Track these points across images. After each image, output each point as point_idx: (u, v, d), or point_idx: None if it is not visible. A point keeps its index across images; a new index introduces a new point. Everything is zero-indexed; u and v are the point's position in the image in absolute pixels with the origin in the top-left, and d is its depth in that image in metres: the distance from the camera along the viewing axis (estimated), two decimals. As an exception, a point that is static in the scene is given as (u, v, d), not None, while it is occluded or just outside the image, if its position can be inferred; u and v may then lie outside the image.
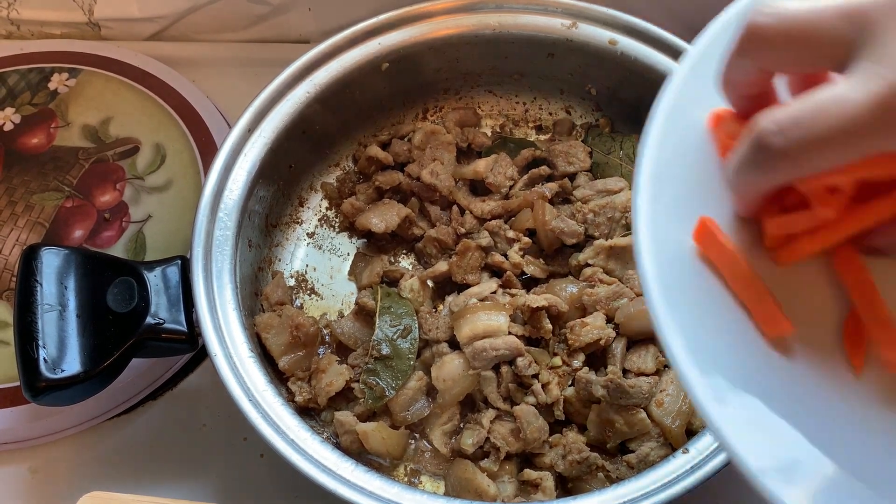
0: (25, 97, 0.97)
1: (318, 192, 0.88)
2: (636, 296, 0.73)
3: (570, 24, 0.82)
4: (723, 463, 0.60)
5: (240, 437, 0.76)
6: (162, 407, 0.80)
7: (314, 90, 0.80)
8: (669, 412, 0.68)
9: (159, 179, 0.90)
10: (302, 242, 0.85)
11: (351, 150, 0.89)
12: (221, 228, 0.72)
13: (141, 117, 0.94)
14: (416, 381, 0.71)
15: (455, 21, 0.83)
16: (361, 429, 0.69)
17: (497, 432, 0.70)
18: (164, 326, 0.67)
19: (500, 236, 0.80)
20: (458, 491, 0.69)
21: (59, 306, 0.66)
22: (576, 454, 0.67)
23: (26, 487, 0.76)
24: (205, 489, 0.75)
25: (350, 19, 0.82)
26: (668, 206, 0.43)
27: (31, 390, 0.64)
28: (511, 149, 0.86)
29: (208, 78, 0.99)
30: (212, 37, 1.03)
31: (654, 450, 0.67)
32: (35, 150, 0.93)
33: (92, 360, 0.65)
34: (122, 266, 0.70)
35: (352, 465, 0.62)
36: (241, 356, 0.67)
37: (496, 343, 0.69)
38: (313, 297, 0.82)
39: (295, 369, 0.74)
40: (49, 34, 1.04)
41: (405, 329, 0.74)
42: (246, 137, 0.77)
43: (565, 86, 0.89)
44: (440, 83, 0.89)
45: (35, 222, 0.87)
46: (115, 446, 0.77)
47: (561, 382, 0.70)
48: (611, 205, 0.78)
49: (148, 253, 0.85)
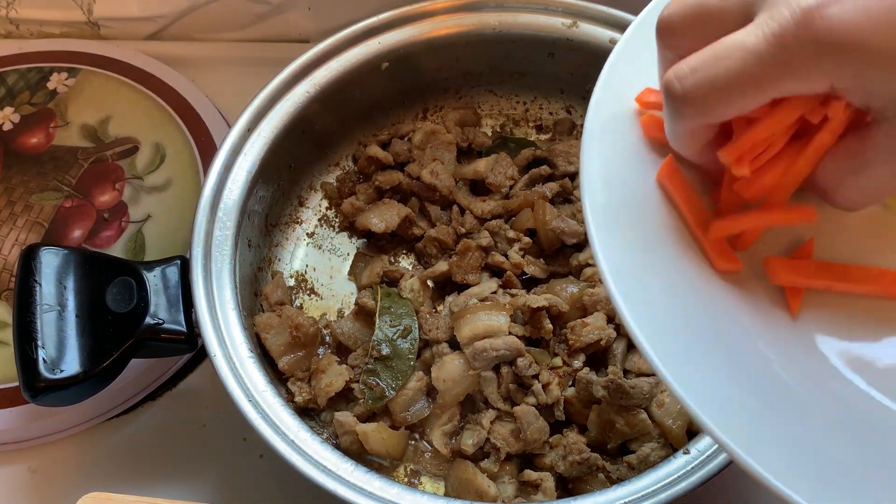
0: (24, 97, 0.96)
1: (318, 192, 0.88)
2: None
3: (571, 24, 0.82)
4: (724, 463, 0.60)
5: (239, 437, 0.76)
6: (161, 407, 0.80)
7: (314, 90, 0.80)
8: (670, 413, 0.68)
9: (159, 179, 0.90)
10: (302, 242, 0.85)
11: (351, 150, 0.89)
12: (221, 228, 0.72)
13: (140, 117, 0.94)
14: (416, 381, 0.71)
15: (455, 20, 0.83)
16: (361, 429, 0.69)
17: (497, 433, 0.69)
18: (164, 327, 0.67)
19: (500, 236, 0.80)
20: (458, 492, 0.69)
21: (58, 306, 0.66)
22: (576, 455, 0.67)
23: (26, 488, 0.76)
24: (204, 489, 0.75)
25: (350, 18, 0.82)
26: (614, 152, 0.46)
27: (30, 390, 0.63)
28: (511, 148, 0.86)
29: (208, 77, 0.99)
30: (211, 36, 1.03)
31: (654, 450, 0.67)
32: (34, 149, 0.93)
33: (91, 360, 0.65)
34: (121, 266, 0.70)
35: (352, 465, 0.62)
36: (240, 356, 0.67)
37: (496, 343, 0.69)
38: (313, 297, 0.82)
39: (295, 369, 0.73)
40: (48, 33, 1.04)
41: (405, 329, 0.73)
42: (245, 137, 0.77)
43: (566, 85, 0.89)
44: (440, 83, 0.89)
45: (34, 222, 0.87)
46: (115, 446, 0.77)
47: (561, 383, 0.70)
48: (611, 204, 0.77)
49: (147, 253, 0.85)
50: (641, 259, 0.43)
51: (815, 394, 0.42)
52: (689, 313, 0.42)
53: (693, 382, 0.39)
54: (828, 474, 0.38)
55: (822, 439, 0.40)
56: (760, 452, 0.37)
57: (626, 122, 0.47)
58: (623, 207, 0.45)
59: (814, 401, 0.42)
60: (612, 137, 0.47)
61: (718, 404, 0.39)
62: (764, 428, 0.39)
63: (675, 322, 0.41)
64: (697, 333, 0.42)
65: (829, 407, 0.42)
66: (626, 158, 0.46)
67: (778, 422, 0.40)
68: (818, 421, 0.41)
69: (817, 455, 0.39)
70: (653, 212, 0.45)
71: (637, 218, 0.45)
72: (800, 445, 0.39)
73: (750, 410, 0.40)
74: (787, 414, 0.40)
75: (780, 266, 0.46)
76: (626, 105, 0.48)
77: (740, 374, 0.41)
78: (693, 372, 0.40)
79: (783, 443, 0.39)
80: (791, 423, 0.40)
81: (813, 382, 0.42)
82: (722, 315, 0.43)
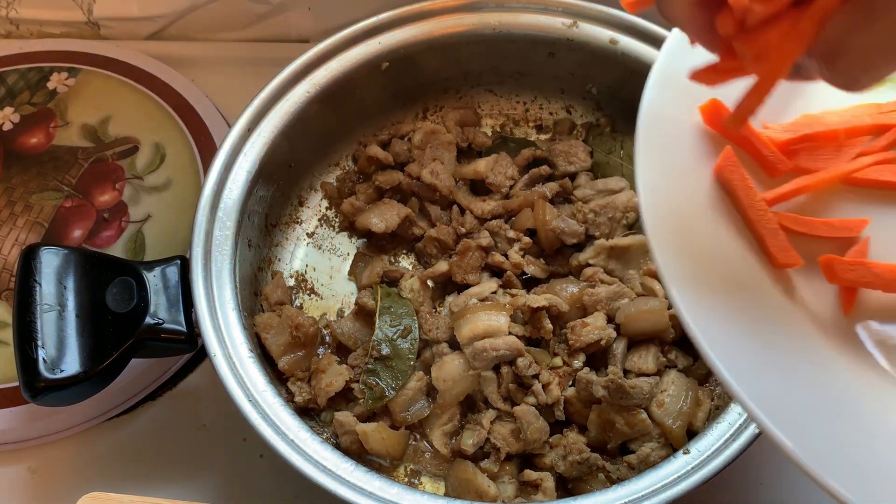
0: (24, 97, 0.96)
1: (318, 192, 0.88)
2: (637, 296, 0.73)
3: (571, 24, 0.82)
4: (724, 463, 0.60)
5: (239, 437, 0.76)
6: (161, 407, 0.79)
7: (314, 89, 0.80)
8: (670, 413, 0.68)
9: (159, 179, 0.90)
10: (302, 242, 0.85)
11: (351, 150, 0.89)
12: (221, 228, 0.72)
13: (140, 117, 0.94)
14: (416, 381, 0.71)
15: (455, 20, 0.83)
16: (361, 429, 0.69)
17: (497, 433, 0.69)
18: (164, 326, 0.67)
19: (500, 236, 0.80)
20: (458, 492, 0.69)
21: (58, 306, 0.66)
22: (576, 455, 0.67)
23: (26, 487, 0.76)
24: (204, 489, 0.75)
25: (350, 18, 0.82)
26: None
27: (30, 390, 0.63)
28: (511, 148, 0.86)
29: (208, 77, 0.99)
30: (211, 36, 1.03)
31: (654, 450, 0.67)
32: (34, 149, 0.93)
33: (91, 360, 0.65)
34: (121, 266, 0.70)
35: (352, 465, 0.62)
36: (240, 356, 0.67)
37: (496, 343, 0.69)
38: (313, 297, 0.82)
39: (295, 369, 0.73)
40: (48, 33, 1.04)
41: (405, 329, 0.73)
42: (245, 137, 0.77)
43: (566, 85, 0.89)
44: (440, 82, 0.89)
45: (34, 222, 0.87)
46: (115, 446, 0.77)
47: (561, 383, 0.70)
48: (611, 204, 0.77)
49: (147, 253, 0.85)
50: (701, 267, 0.44)
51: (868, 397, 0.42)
52: (750, 318, 0.43)
53: (754, 384, 0.40)
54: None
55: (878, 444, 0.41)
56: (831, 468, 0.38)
57: (681, 122, 0.49)
58: (678, 205, 0.46)
59: (868, 404, 0.42)
60: (666, 136, 0.48)
61: (780, 409, 0.40)
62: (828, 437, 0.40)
63: (738, 332, 0.42)
64: (756, 335, 0.43)
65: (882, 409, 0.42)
66: (681, 155, 0.48)
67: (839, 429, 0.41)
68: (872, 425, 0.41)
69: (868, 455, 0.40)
70: (709, 208, 0.46)
71: (693, 216, 0.46)
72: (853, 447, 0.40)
73: (808, 412, 0.40)
74: (847, 420, 0.41)
75: (837, 266, 0.46)
76: (680, 108, 0.49)
77: (800, 377, 0.42)
78: (755, 376, 0.41)
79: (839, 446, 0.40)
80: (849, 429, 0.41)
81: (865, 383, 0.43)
82: (783, 321, 0.44)
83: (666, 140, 0.49)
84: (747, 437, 0.61)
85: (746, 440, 0.61)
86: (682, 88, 0.48)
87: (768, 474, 0.74)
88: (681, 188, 0.47)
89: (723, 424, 0.63)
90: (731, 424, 0.62)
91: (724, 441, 0.62)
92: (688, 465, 0.61)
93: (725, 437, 0.62)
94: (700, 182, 0.48)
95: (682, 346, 0.73)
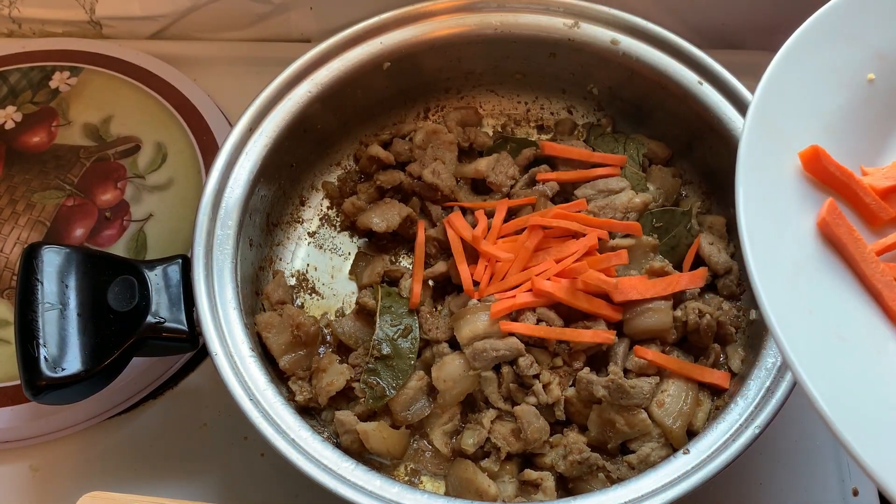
0: (27, 96, 0.96)
1: (320, 192, 0.88)
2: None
3: (572, 24, 0.82)
4: (724, 463, 0.60)
5: (240, 436, 0.76)
6: (162, 406, 0.80)
7: (316, 89, 0.80)
8: (670, 412, 0.68)
9: (160, 178, 0.90)
10: (303, 242, 0.85)
11: (352, 150, 0.89)
12: (222, 227, 0.72)
13: (142, 116, 0.94)
14: (417, 380, 0.71)
15: (457, 20, 0.83)
16: (362, 428, 0.69)
17: (498, 432, 0.70)
18: (165, 325, 0.67)
19: (501, 236, 0.80)
20: (458, 491, 0.69)
21: (59, 305, 0.66)
22: (576, 454, 0.67)
23: (27, 486, 0.76)
24: (205, 489, 0.75)
25: (351, 18, 0.82)
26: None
27: (31, 389, 0.64)
28: (512, 148, 0.86)
29: (209, 77, 0.99)
30: (213, 35, 1.03)
31: (654, 450, 0.67)
32: (36, 148, 0.93)
33: (92, 358, 0.65)
34: (122, 265, 0.70)
35: (352, 464, 0.62)
36: (241, 355, 0.67)
37: (497, 344, 0.69)
38: (314, 296, 0.82)
39: (295, 368, 0.74)
40: (50, 33, 1.04)
41: (406, 329, 0.73)
42: (247, 136, 0.77)
43: (567, 85, 0.89)
44: (442, 82, 0.89)
45: (36, 221, 0.87)
46: (116, 445, 0.77)
47: (562, 383, 0.70)
48: (612, 205, 0.77)
49: (149, 252, 0.85)
50: (816, 322, 0.44)
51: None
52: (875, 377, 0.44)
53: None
54: None
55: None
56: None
57: (779, 167, 0.49)
58: (783, 256, 0.46)
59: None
60: (765, 181, 0.49)
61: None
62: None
63: (848, 375, 0.43)
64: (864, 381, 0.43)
65: None
66: (782, 202, 0.48)
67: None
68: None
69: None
70: (815, 260, 0.47)
71: (800, 268, 0.46)
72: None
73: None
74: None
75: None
76: (777, 152, 0.49)
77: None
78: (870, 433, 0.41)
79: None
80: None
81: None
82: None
83: (765, 185, 0.49)
84: (747, 437, 0.61)
85: (746, 440, 0.61)
86: (778, 129, 0.49)
87: (768, 474, 0.74)
88: (784, 237, 0.47)
89: (723, 424, 0.63)
90: (731, 424, 0.63)
91: (724, 441, 0.62)
92: (688, 465, 0.61)
93: (725, 437, 0.62)
94: (802, 230, 0.48)
95: (683, 346, 0.74)
